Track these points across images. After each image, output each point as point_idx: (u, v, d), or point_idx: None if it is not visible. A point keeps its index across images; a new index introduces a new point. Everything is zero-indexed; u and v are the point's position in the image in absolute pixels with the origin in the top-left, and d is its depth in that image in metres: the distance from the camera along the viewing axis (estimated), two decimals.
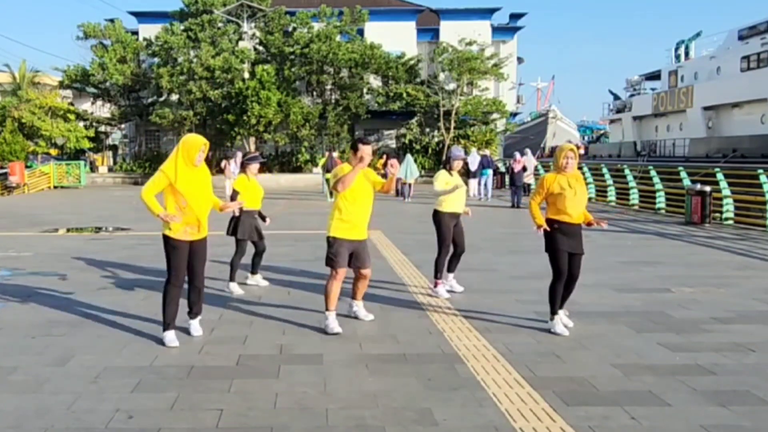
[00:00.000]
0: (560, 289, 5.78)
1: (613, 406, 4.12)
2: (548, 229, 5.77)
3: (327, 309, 5.87)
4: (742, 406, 4.11)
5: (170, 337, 5.46)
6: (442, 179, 7.32)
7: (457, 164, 7.48)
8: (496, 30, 37.82)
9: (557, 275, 5.77)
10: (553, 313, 5.82)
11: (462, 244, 7.50)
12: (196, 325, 5.75)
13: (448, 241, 7.36)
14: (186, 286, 5.63)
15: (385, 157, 28.68)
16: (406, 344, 5.43)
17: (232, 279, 7.49)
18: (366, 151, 5.72)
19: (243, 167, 7.66)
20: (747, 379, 4.61)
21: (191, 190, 5.34)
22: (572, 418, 3.93)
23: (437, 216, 7.35)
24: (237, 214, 7.35)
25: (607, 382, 4.56)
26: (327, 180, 21.90)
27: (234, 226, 7.53)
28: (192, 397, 4.26)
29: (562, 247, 5.72)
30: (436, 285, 7.35)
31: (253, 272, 7.86)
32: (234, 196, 7.31)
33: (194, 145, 5.34)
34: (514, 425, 3.84)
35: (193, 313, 5.74)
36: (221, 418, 3.93)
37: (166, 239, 5.43)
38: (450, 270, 7.52)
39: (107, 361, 4.98)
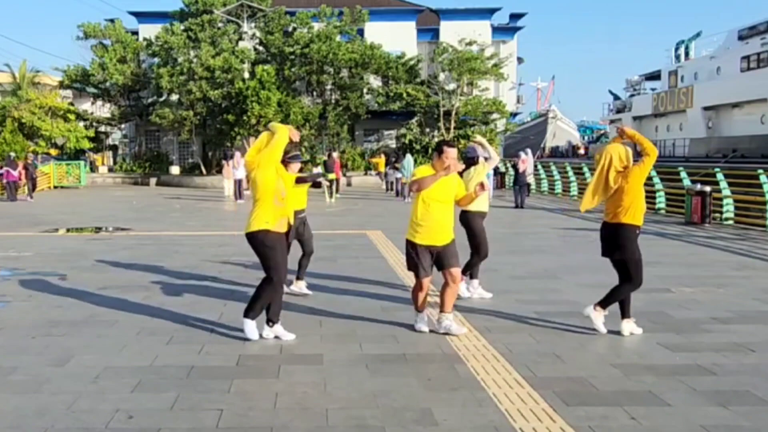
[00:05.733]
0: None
1: (613, 406, 4.12)
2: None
3: (417, 310, 5.88)
4: (742, 406, 4.11)
5: (251, 327, 5.44)
6: (479, 172, 6.96)
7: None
8: (496, 30, 37.82)
9: (638, 284, 5.65)
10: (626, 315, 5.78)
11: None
12: (281, 330, 5.57)
13: (485, 245, 7.03)
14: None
15: (384, 156, 28.86)
16: (406, 344, 5.43)
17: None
18: (451, 154, 5.51)
19: (285, 166, 7.61)
20: (747, 379, 4.62)
21: (289, 185, 5.66)
22: (572, 418, 3.93)
23: (467, 217, 6.97)
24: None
25: (607, 382, 4.56)
26: (327, 180, 21.92)
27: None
28: (192, 397, 4.26)
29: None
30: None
31: (298, 277, 7.39)
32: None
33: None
34: (514, 425, 3.84)
35: (274, 316, 5.57)
36: (221, 418, 3.93)
37: (262, 237, 5.27)
38: (474, 276, 7.14)
39: (107, 361, 4.98)
